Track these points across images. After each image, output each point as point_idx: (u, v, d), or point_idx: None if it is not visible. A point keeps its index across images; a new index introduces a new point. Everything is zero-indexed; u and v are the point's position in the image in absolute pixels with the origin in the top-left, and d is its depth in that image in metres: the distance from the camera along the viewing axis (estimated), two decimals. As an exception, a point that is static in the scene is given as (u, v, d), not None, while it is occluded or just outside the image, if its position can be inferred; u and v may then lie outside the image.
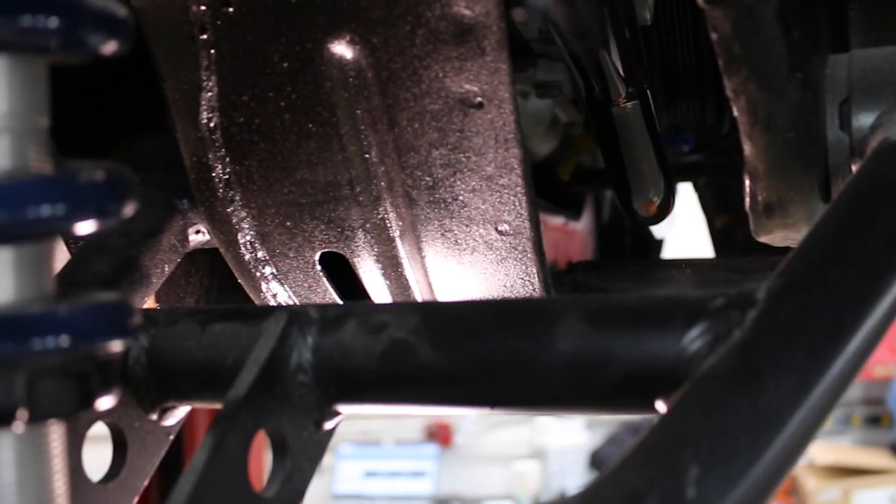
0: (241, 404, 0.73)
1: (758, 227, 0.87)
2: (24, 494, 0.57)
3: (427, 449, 9.68)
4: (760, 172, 0.81)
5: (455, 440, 9.75)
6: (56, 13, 0.56)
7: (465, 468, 9.05)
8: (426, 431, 10.01)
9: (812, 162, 0.81)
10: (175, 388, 0.84)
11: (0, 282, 0.57)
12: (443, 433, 9.79)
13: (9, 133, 0.57)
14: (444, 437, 9.80)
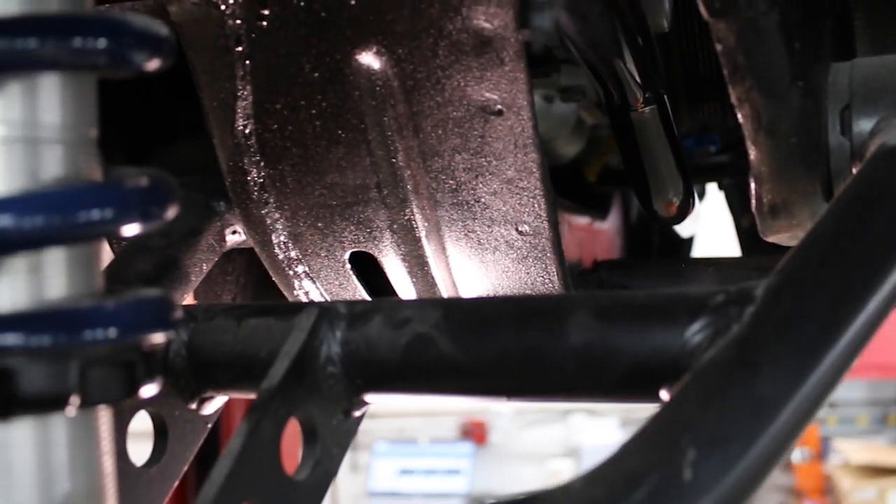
0: (274, 393, 0.78)
1: (764, 228, 0.91)
2: (75, 473, 0.63)
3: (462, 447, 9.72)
4: (765, 176, 0.85)
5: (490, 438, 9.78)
6: (104, 34, 0.61)
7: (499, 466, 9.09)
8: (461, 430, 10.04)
9: (814, 165, 0.85)
10: (212, 379, 0.89)
11: (54, 279, 0.62)
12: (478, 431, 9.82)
13: (62, 144, 0.62)
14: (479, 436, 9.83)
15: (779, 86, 0.82)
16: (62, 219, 0.61)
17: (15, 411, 0.59)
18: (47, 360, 0.60)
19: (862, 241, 0.72)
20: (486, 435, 9.70)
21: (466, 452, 9.40)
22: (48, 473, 0.61)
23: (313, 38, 0.94)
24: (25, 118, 0.61)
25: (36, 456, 0.61)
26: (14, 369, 0.58)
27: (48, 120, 0.62)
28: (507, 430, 9.52)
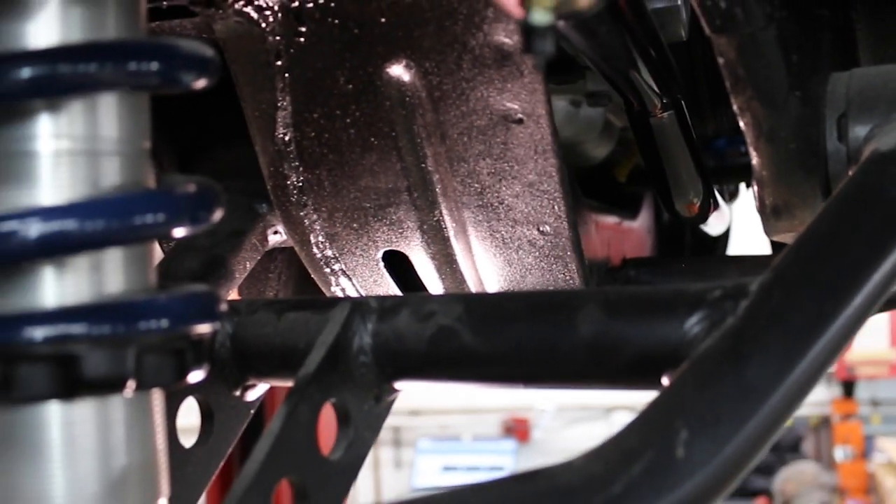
0: (311, 380, 0.85)
1: (768, 228, 0.97)
2: (131, 449, 0.70)
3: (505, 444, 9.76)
4: (766, 179, 0.92)
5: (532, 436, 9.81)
6: (156, 58, 0.69)
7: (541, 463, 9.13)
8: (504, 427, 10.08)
9: (813, 169, 0.91)
10: (255, 368, 0.97)
11: (113, 276, 0.70)
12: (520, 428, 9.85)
13: (119, 155, 0.70)
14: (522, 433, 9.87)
15: (777, 96, 0.88)
16: (120, 222, 0.69)
17: (79, 392, 0.67)
18: (107, 347, 0.67)
19: (849, 241, 0.78)
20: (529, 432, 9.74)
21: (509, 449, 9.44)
22: (107, 448, 0.69)
23: (347, 52, 1.01)
24: (87, 133, 0.69)
25: (97, 432, 0.69)
26: (78, 355, 0.66)
27: (107, 134, 0.69)
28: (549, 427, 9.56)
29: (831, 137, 0.89)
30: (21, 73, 0.65)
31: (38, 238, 0.66)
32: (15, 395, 0.66)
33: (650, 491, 0.66)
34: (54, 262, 0.68)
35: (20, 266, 0.67)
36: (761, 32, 0.84)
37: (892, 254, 0.77)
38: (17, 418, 0.67)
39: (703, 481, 0.68)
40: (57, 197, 0.67)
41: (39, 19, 0.68)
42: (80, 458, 0.68)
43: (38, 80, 0.65)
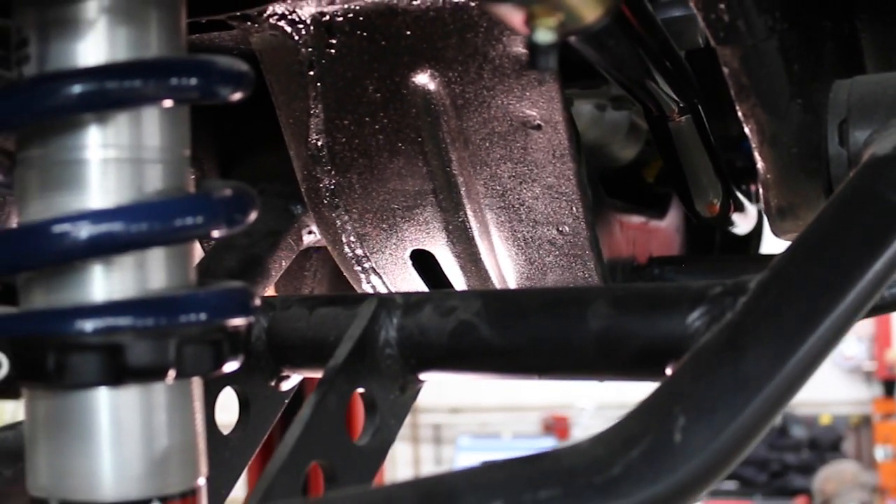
0: (339, 371, 0.91)
1: (774, 228, 1.01)
2: (173, 432, 0.76)
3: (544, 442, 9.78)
4: (770, 182, 0.96)
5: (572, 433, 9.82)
6: (194, 74, 0.75)
7: (581, 461, 9.15)
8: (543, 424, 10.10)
9: (814, 173, 0.95)
10: (288, 360, 1.03)
11: (156, 273, 0.76)
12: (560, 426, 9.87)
13: (161, 163, 0.76)
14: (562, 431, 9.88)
15: (779, 103, 0.92)
16: (162, 224, 0.75)
17: (125, 379, 0.73)
18: (150, 338, 0.73)
19: (844, 242, 0.83)
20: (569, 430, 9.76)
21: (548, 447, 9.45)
22: (150, 431, 0.75)
23: (375, 63, 1.07)
24: (132, 143, 0.75)
25: (141, 416, 0.75)
26: (124, 345, 0.72)
27: (150, 143, 0.76)
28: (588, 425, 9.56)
29: (833, 142, 0.94)
30: (72, 89, 0.71)
31: (88, 239, 0.72)
32: (67, 382, 0.72)
33: (649, 473, 0.71)
34: (103, 260, 0.73)
35: (72, 264, 0.73)
36: (763, 43, 0.89)
37: (885, 254, 0.82)
38: (69, 403, 0.73)
39: (698, 465, 0.73)
40: (105, 201, 0.73)
41: (88, 39, 0.74)
42: (125, 439, 0.74)
43: (88, 95, 0.71)
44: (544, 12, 0.65)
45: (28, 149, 0.75)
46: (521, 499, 0.66)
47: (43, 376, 0.72)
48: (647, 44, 1.03)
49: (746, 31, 0.88)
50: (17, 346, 0.73)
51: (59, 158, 0.73)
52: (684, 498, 0.72)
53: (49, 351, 0.72)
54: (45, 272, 0.74)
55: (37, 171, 0.74)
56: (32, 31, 0.74)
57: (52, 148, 0.74)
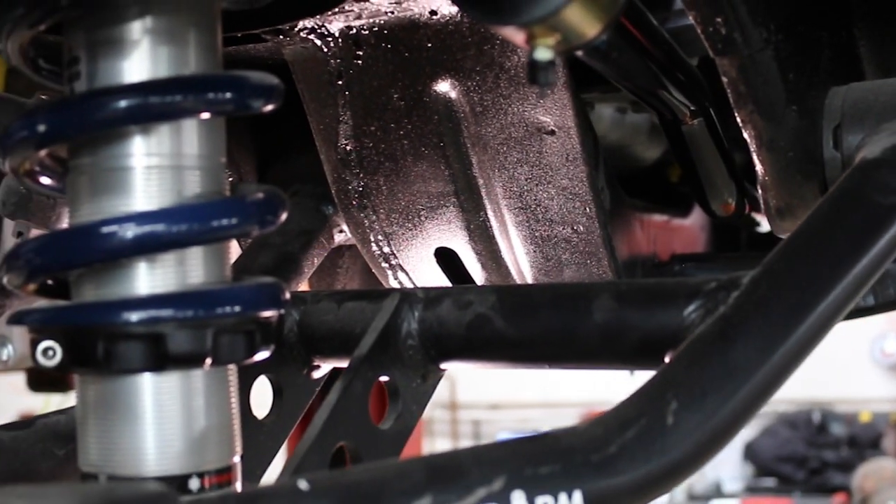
0: (364, 360, 0.98)
1: (774, 227, 1.07)
2: (210, 414, 0.83)
3: (583, 437, 9.71)
4: (769, 184, 1.02)
5: (613, 429, 9.74)
6: (229, 88, 0.82)
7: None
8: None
9: (811, 175, 1.01)
10: (318, 350, 1.10)
11: (195, 269, 0.83)
12: (599, 423, 9.81)
13: (199, 169, 0.83)
14: (601, 427, 9.82)
15: (776, 109, 0.98)
16: (200, 225, 0.81)
17: (166, 366, 0.79)
18: (189, 328, 0.80)
19: (832, 240, 0.89)
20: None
21: (588, 443, 9.44)
22: (189, 413, 0.82)
23: (399, 73, 1.14)
24: (172, 151, 0.82)
25: (181, 400, 0.81)
26: (166, 335, 0.79)
27: (189, 152, 0.82)
28: (628, 421, 9.54)
29: (828, 146, 1.00)
30: (119, 104, 0.78)
31: (133, 238, 0.78)
32: (114, 368, 0.78)
33: (642, 452, 0.78)
34: (146, 258, 0.80)
35: (119, 261, 0.80)
36: (759, 54, 0.95)
37: (870, 252, 0.88)
38: (116, 387, 0.80)
39: (688, 446, 0.79)
40: (148, 204, 0.80)
41: (133, 57, 0.81)
42: (167, 420, 0.80)
43: (133, 109, 0.78)
44: (543, 33, 0.72)
45: (79, 157, 0.81)
46: (523, 474, 0.73)
47: (93, 363, 0.79)
48: (652, 54, 1.10)
49: (743, 43, 0.94)
50: (69, 335, 0.79)
51: (107, 166, 0.80)
52: (675, 476, 0.79)
53: (98, 340, 0.78)
54: (95, 268, 0.80)
55: (87, 178, 0.81)
56: (82, 50, 0.81)
57: (100, 156, 0.80)
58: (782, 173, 1.02)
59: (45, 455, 0.99)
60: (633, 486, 0.77)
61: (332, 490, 0.67)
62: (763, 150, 1.00)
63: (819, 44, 1.04)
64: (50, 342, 0.80)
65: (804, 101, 1.00)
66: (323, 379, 1.16)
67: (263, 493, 0.66)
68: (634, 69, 1.13)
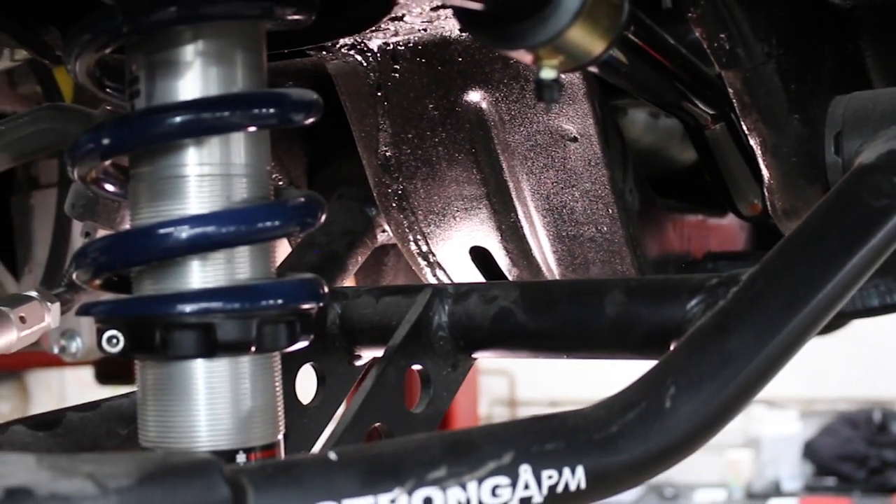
0: (397, 349, 1.07)
1: (781, 228, 1.14)
2: (255, 395, 0.92)
3: (642, 435, 9.69)
4: (774, 187, 1.09)
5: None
6: (272, 104, 0.91)
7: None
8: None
9: (814, 179, 1.08)
10: (359, 341, 1.20)
11: (242, 266, 0.91)
12: (658, 420, 9.78)
13: (246, 177, 0.92)
14: (659, 425, 9.79)
15: (778, 118, 1.05)
16: (246, 227, 0.90)
17: (216, 352, 0.88)
18: (236, 319, 0.88)
19: (826, 240, 0.96)
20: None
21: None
22: (237, 395, 0.90)
23: (433, 84, 1.23)
24: (222, 160, 0.90)
25: (230, 382, 0.89)
26: (215, 324, 0.87)
27: (237, 161, 0.91)
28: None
29: (829, 151, 1.07)
30: (174, 120, 0.86)
31: (187, 239, 0.87)
32: (170, 354, 0.87)
33: (641, 433, 0.86)
34: (199, 256, 0.88)
35: (174, 259, 0.89)
36: (762, 67, 1.02)
37: (861, 251, 0.95)
38: (172, 371, 0.88)
39: (684, 428, 0.86)
40: (200, 209, 0.88)
41: (187, 77, 0.89)
42: (217, 401, 0.88)
43: (187, 124, 0.86)
44: (547, 54, 0.80)
45: (139, 166, 0.90)
46: (531, 450, 0.81)
47: (151, 350, 0.87)
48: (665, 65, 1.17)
49: (745, 57, 1.02)
50: (130, 325, 0.88)
51: (163, 174, 0.89)
52: (671, 456, 0.86)
53: (156, 329, 0.87)
54: (153, 265, 0.89)
55: (146, 184, 0.90)
56: (141, 70, 0.90)
57: (158, 166, 0.89)
58: (786, 177, 1.09)
59: (110, 434, 1.10)
60: (631, 464, 0.84)
61: (358, 460, 0.76)
62: (768, 156, 1.07)
63: (821, 56, 1.11)
64: (114, 331, 0.89)
65: (806, 111, 1.07)
66: (364, 368, 1.25)
67: (297, 463, 0.75)
68: (648, 81, 1.20)
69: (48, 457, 0.70)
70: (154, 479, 0.68)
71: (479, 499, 0.77)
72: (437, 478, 0.76)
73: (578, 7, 0.76)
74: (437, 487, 0.76)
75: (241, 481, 0.71)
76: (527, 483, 0.79)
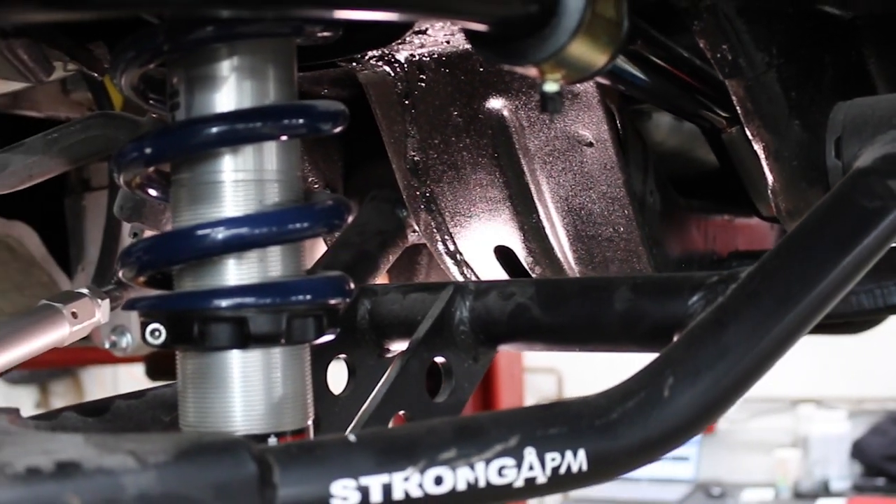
0: (420, 343, 1.15)
1: (787, 228, 1.20)
2: (286, 383, 0.98)
3: (690, 433, 9.64)
4: (778, 189, 1.15)
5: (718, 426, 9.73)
6: (301, 116, 0.98)
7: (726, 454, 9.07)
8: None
9: (815, 182, 1.13)
10: (387, 335, 1.27)
11: (273, 265, 0.98)
12: (707, 419, 9.73)
13: (278, 182, 0.98)
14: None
15: (780, 124, 1.11)
16: (277, 228, 0.96)
17: (249, 344, 0.93)
18: (267, 313, 0.94)
19: (821, 240, 1.01)
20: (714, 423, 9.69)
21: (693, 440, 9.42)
22: (269, 383, 0.96)
23: (457, 93, 1.31)
24: (255, 167, 0.96)
25: (262, 372, 0.95)
26: (248, 318, 0.94)
27: (269, 168, 0.97)
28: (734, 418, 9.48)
29: (830, 155, 1.12)
30: (211, 130, 0.93)
31: (223, 239, 0.92)
32: (207, 345, 0.93)
33: (640, 419, 0.92)
34: (234, 255, 0.94)
35: (211, 258, 0.94)
36: (763, 76, 1.08)
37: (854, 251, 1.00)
38: (209, 361, 0.94)
39: (681, 416, 0.92)
40: (235, 211, 0.93)
41: (223, 91, 0.95)
42: (251, 388, 0.94)
43: (223, 134, 0.92)
44: (550, 69, 0.87)
45: (179, 173, 0.97)
46: (535, 433, 0.87)
47: (190, 341, 0.93)
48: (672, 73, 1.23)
49: (747, 67, 1.08)
50: (171, 319, 0.95)
51: (202, 180, 0.95)
52: (667, 442, 0.92)
53: (195, 322, 0.93)
54: (192, 264, 0.96)
55: (186, 189, 0.96)
56: (181, 84, 0.96)
57: (196, 172, 0.95)
58: (789, 180, 1.14)
59: (155, 421, 1.17)
60: (630, 448, 0.90)
61: (374, 442, 0.83)
62: (770, 160, 1.13)
63: (821, 65, 1.17)
64: (156, 325, 0.95)
65: (806, 117, 1.13)
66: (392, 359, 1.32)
67: (319, 443, 0.82)
68: (660, 90, 1.26)
69: (95, 436, 0.78)
70: (188, 455, 0.76)
71: (487, 478, 0.84)
72: (448, 458, 0.83)
73: (576, 25, 0.82)
74: (447, 467, 0.82)
75: (267, 459, 0.78)
76: (531, 464, 0.85)
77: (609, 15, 0.85)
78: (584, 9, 0.82)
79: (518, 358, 7.63)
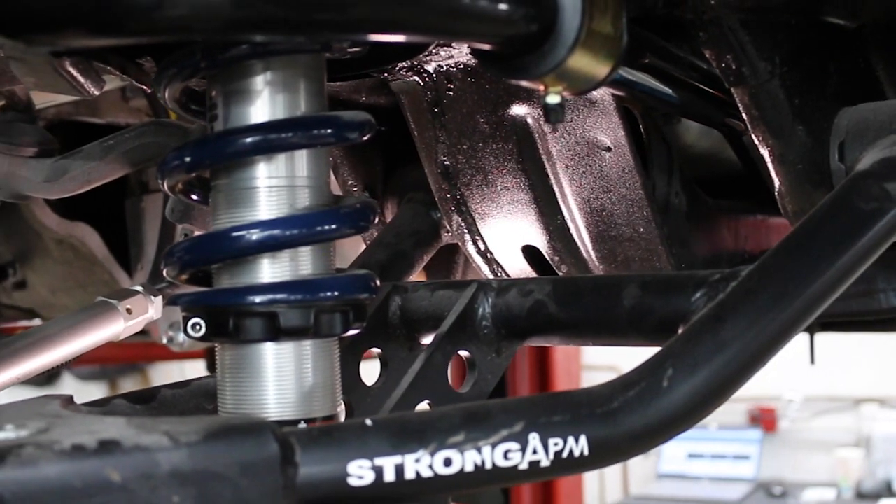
0: (444, 336, 1.22)
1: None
2: (316, 374, 1.05)
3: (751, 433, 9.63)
4: (784, 192, 1.21)
5: (779, 426, 9.66)
6: (329, 126, 1.06)
7: (787, 453, 8.99)
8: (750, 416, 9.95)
9: (819, 184, 1.19)
10: (417, 329, 1.34)
11: (304, 263, 1.05)
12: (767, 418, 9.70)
13: (308, 187, 1.05)
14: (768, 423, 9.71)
15: (784, 129, 1.17)
16: (308, 230, 1.03)
17: (280, 337, 1.00)
18: (297, 308, 1.00)
19: (818, 240, 1.06)
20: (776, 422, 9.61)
21: (755, 439, 9.34)
22: (300, 372, 1.03)
23: (483, 101, 1.38)
24: (287, 173, 1.02)
25: (294, 363, 1.02)
26: (279, 313, 1.00)
27: (300, 174, 1.03)
28: (796, 418, 9.41)
29: (834, 159, 1.17)
30: (247, 140, 1.00)
31: (258, 240, 0.99)
32: (242, 338, 1.00)
33: (639, 408, 0.98)
34: (267, 254, 1.00)
35: (247, 257, 1.01)
36: (767, 84, 1.14)
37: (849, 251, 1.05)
38: (244, 353, 1.01)
39: (679, 406, 0.97)
40: (269, 214, 1.00)
41: (257, 103, 1.02)
42: (283, 378, 1.01)
43: (258, 144, 1.00)
44: (552, 82, 0.94)
45: (218, 179, 1.04)
46: (539, 420, 0.94)
47: (227, 334, 1.00)
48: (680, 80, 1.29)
49: (751, 76, 1.13)
50: (210, 313, 1.02)
51: (238, 186, 1.02)
52: (665, 430, 0.98)
53: (231, 317, 0.99)
54: (229, 262, 1.03)
55: (224, 194, 1.03)
56: (219, 97, 1.03)
57: (234, 178, 1.02)
58: (794, 183, 1.20)
59: (198, 409, 1.26)
60: (629, 436, 0.97)
61: (389, 426, 0.91)
62: (776, 164, 1.19)
63: (825, 72, 1.22)
64: (197, 319, 1.03)
65: (811, 122, 1.18)
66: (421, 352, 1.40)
67: (339, 427, 0.90)
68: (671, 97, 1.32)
69: (135, 419, 0.87)
70: (217, 435, 0.84)
71: (493, 461, 0.91)
72: (457, 442, 0.90)
73: (573, 42, 0.89)
74: (455, 450, 0.89)
75: (289, 440, 0.86)
76: (535, 449, 0.92)
77: (606, 31, 0.91)
78: (580, 27, 0.88)
79: (576, 356, 7.65)
